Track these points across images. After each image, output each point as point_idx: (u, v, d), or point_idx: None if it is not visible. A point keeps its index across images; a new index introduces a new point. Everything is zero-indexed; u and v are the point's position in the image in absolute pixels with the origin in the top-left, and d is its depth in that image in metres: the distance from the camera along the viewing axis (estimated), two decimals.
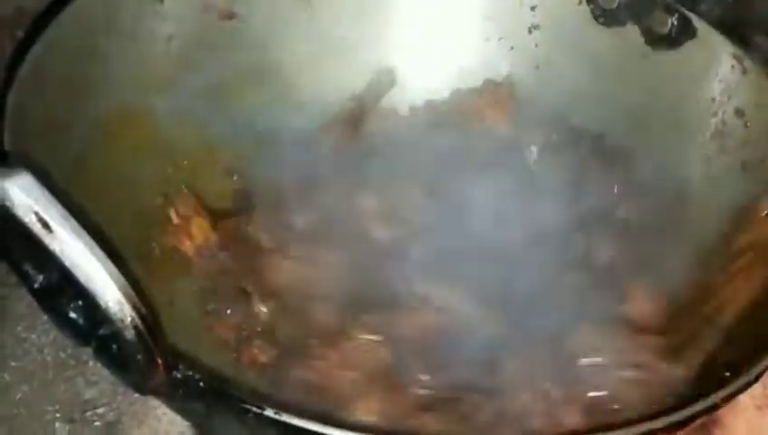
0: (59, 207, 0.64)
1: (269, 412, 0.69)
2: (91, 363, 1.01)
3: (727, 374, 0.77)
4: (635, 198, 1.03)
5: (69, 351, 1.02)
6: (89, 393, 0.99)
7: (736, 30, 1.02)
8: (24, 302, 1.06)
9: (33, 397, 0.99)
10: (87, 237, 0.64)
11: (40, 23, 0.94)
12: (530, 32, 1.13)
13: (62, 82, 0.93)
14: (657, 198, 1.04)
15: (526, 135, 1.09)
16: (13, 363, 1.01)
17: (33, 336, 1.03)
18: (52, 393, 0.99)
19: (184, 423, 0.97)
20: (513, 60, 1.14)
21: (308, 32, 1.11)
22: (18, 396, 0.99)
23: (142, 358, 0.67)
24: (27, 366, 1.01)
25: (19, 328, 1.04)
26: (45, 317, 1.02)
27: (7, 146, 0.82)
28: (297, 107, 1.10)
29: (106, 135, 0.96)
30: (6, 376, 1.00)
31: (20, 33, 1.43)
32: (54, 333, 1.03)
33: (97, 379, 1.00)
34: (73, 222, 0.64)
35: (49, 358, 1.02)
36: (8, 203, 0.64)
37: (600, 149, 1.08)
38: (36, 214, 0.63)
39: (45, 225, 0.63)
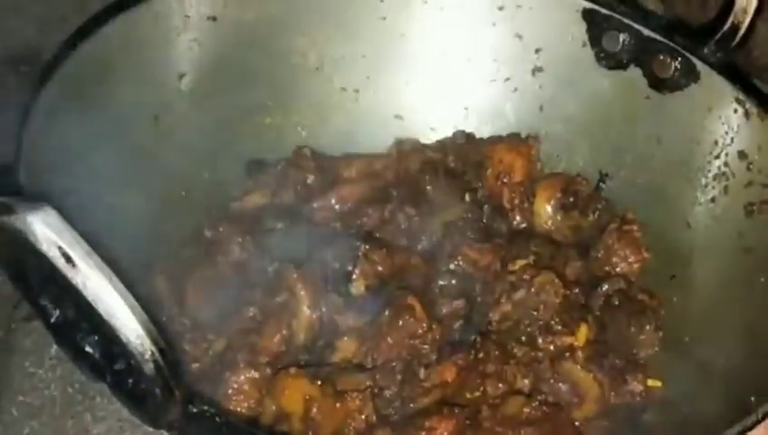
0: (82, 242, 0.64)
1: None
2: (98, 399, 1.01)
3: None
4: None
5: (76, 386, 1.02)
6: (96, 429, 0.99)
7: (739, 74, 1.03)
8: (31, 337, 1.06)
9: (41, 432, 0.99)
10: (109, 272, 0.65)
11: (54, 61, 0.96)
12: (533, 74, 1.15)
13: (77, 119, 0.94)
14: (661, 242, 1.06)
15: None
16: (20, 398, 1.01)
17: (41, 372, 1.04)
18: (59, 429, 0.99)
19: None
20: (517, 101, 1.16)
21: None
22: (26, 431, 0.99)
23: (160, 392, 0.67)
24: (35, 401, 1.01)
25: (27, 363, 1.04)
26: (53, 352, 1.04)
27: (22, 180, 0.83)
28: None
29: (119, 171, 0.98)
30: (14, 411, 1.00)
31: (24, 69, 1.46)
32: (62, 369, 1.03)
33: (104, 414, 1.00)
34: (96, 257, 0.65)
35: (56, 393, 1.02)
36: (32, 237, 0.64)
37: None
38: (60, 248, 0.64)
39: (69, 259, 0.64)
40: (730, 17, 1.02)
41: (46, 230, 0.64)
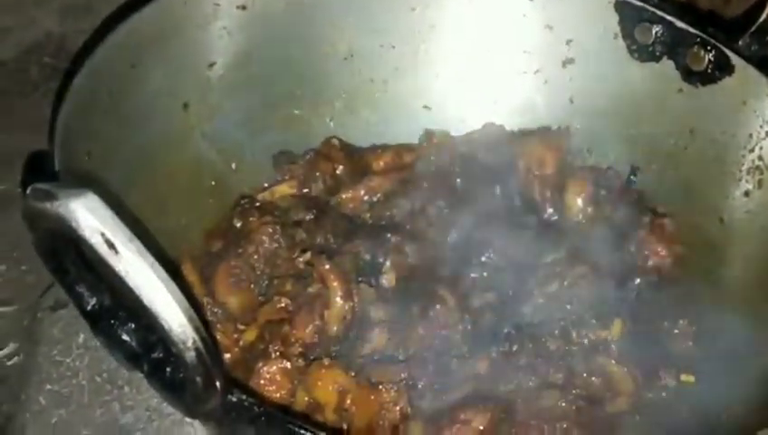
0: (125, 228, 0.64)
1: None
2: (126, 388, 1.01)
3: None
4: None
5: (104, 375, 1.02)
6: (125, 418, 0.99)
7: None
8: (58, 326, 1.06)
9: (69, 421, 0.99)
10: (152, 259, 0.64)
11: (86, 48, 0.95)
12: (564, 66, 1.14)
13: (108, 106, 0.94)
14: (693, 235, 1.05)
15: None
16: (48, 387, 1.01)
17: (69, 360, 1.03)
18: (88, 418, 0.99)
19: None
20: (547, 93, 1.15)
21: None
22: (54, 420, 0.99)
23: (201, 381, 0.67)
24: (63, 390, 1.01)
25: (54, 352, 1.04)
26: (81, 341, 1.04)
27: (58, 166, 0.83)
28: None
29: (149, 159, 0.98)
30: (42, 400, 1.00)
31: (47, 59, 1.46)
32: (90, 358, 1.03)
33: (133, 403, 1.00)
34: (139, 243, 0.64)
35: (84, 382, 1.02)
36: (74, 224, 0.63)
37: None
38: (103, 235, 0.63)
39: (111, 246, 0.63)
40: (766, 9, 1.01)
41: (89, 217, 0.63)
